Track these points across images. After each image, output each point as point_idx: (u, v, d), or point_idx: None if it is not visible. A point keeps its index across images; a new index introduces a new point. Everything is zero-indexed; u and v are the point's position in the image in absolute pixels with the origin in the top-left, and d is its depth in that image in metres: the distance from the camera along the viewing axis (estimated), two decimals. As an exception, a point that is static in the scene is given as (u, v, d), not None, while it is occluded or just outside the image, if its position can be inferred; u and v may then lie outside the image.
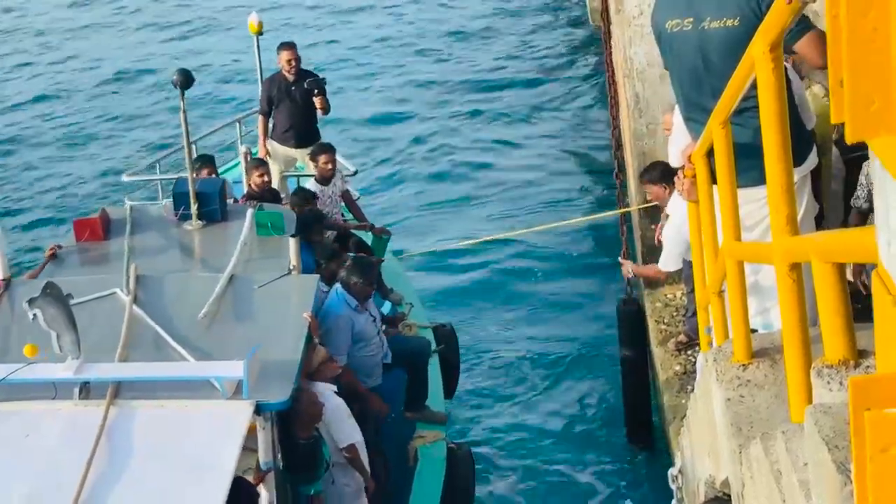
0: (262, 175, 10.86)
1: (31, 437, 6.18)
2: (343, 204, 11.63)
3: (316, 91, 12.05)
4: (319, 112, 12.26)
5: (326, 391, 7.78)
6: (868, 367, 3.50)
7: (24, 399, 6.38)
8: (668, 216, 8.78)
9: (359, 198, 12.25)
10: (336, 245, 10.41)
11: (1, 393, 6.33)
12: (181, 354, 6.90)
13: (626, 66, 10.40)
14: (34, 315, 6.32)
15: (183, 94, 8.86)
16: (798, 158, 4.94)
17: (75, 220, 9.10)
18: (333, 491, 7.92)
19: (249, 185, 10.90)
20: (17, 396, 6.38)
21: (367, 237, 11.63)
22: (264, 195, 10.60)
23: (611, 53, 11.28)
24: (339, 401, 7.93)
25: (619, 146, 11.12)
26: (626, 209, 11.10)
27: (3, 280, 7.67)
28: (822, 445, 3.05)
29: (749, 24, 5.35)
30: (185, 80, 8.86)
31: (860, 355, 3.58)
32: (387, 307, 10.71)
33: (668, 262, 8.59)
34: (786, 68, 4.57)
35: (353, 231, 11.51)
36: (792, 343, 4.03)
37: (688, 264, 8.14)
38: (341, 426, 7.87)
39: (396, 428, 9.36)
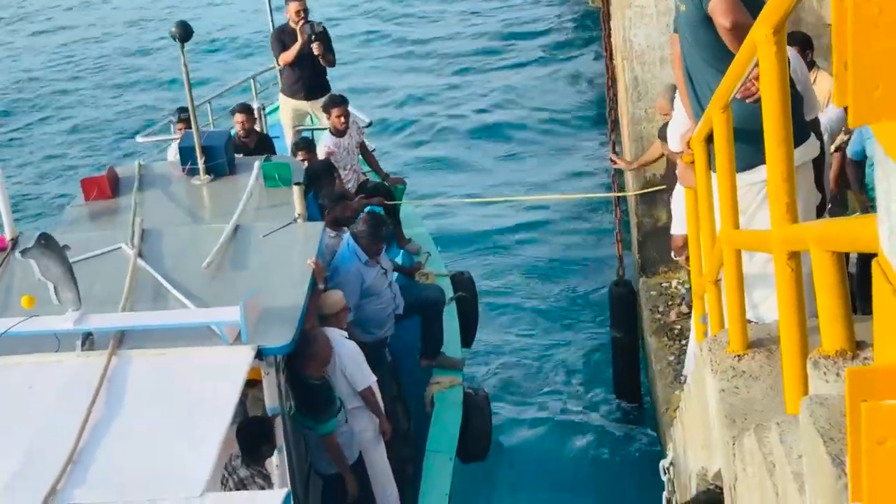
0: (242, 122, 10.82)
1: (34, 388, 6.27)
2: (360, 156, 11.61)
3: (314, 37, 11.94)
4: (322, 62, 12.15)
5: (338, 337, 7.88)
6: (866, 358, 3.44)
7: (28, 353, 6.49)
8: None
9: (374, 150, 12.22)
10: (343, 190, 10.40)
11: (5, 346, 6.42)
12: (183, 304, 6.99)
13: (626, 48, 10.31)
14: (35, 272, 6.40)
15: (183, 47, 8.84)
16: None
17: (83, 180, 9.19)
18: (349, 434, 7.96)
19: (237, 134, 10.82)
20: (21, 350, 6.48)
21: None
22: (249, 143, 10.58)
23: (610, 35, 11.17)
24: (353, 344, 8.04)
25: (616, 129, 11.04)
26: (622, 193, 11.04)
27: (11, 239, 7.79)
28: (817, 437, 2.99)
29: (692, 10, 5.57)
30: (184, 32, 8.84)
31: (858, 346, 3.52)
32: (400, 256, 10.72)
33: (681, 227, 8.35)
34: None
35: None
36: (789, 333, 3.98)
37: None
38: (357, 369, 7.95)
39: (412, 375, 9.49)
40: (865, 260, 3.53)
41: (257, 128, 11.58)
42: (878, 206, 2.53)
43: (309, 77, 12.21)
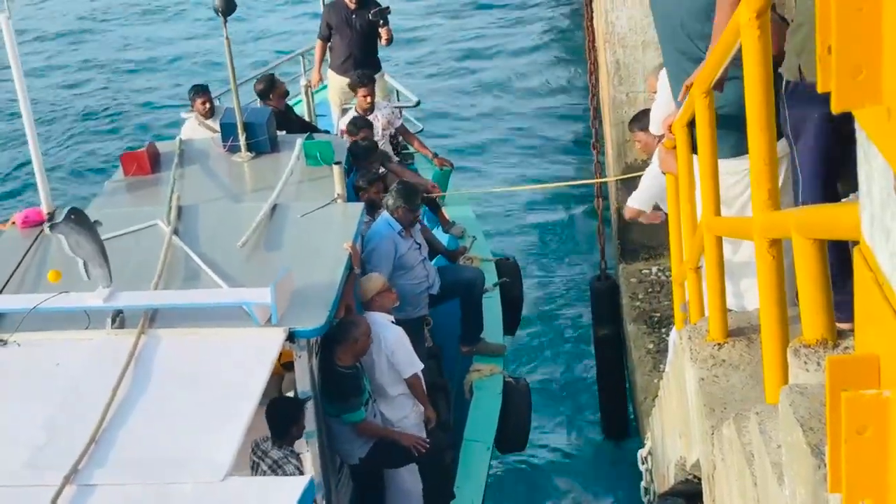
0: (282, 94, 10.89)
1: (61, 365, 6.22)
2: (401, 138, 11.49)
3: (381, 21, 11.85)
4: (383, 42, 12.07)
5: (384, 321, 7.72)
6: (847, 347, 3.42)
7: (57, 329, 6.45)
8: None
9: (421, 130, 12.08)
10: (380, 171, 10.26)
11: (34, 322, 6.37)
12: (217, 283, 6.92)
13: (607, 31, 10.25)
14: (64, 247, 6.37)
15: (225, 21, 8.77)
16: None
17: (123, 154, 9.19)
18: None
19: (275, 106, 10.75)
20: (51, 326, 6.43)
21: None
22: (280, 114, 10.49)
23: (592, 18, 11.09)
24: (399, 330, 7.84)
25: (597, 115, 10.97)
26: (603, 180, 10.96)
27: (48, 213, 7.79)
28: (797, 427, 2.96)
29: None
30: (228, 6, 8.75)
31: (839, 335, 3.49)
32: (446, 239, 10.56)
33: (638, 200, 8.04)
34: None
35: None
36: (769, 321, 3.94)
37: None
38: (404, 356, 7.76)
39: (452, 362, 9.33)
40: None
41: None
42: (860, 191, 2.50)
43: (359, 55, 12.02)
